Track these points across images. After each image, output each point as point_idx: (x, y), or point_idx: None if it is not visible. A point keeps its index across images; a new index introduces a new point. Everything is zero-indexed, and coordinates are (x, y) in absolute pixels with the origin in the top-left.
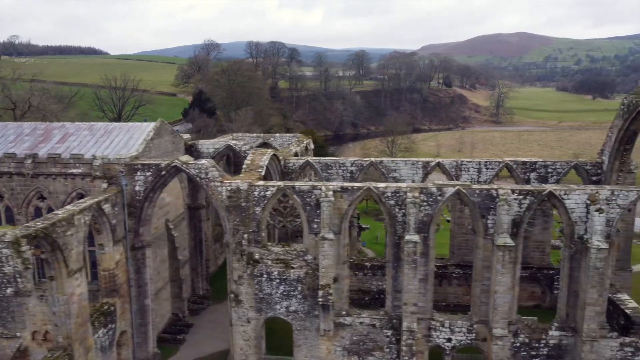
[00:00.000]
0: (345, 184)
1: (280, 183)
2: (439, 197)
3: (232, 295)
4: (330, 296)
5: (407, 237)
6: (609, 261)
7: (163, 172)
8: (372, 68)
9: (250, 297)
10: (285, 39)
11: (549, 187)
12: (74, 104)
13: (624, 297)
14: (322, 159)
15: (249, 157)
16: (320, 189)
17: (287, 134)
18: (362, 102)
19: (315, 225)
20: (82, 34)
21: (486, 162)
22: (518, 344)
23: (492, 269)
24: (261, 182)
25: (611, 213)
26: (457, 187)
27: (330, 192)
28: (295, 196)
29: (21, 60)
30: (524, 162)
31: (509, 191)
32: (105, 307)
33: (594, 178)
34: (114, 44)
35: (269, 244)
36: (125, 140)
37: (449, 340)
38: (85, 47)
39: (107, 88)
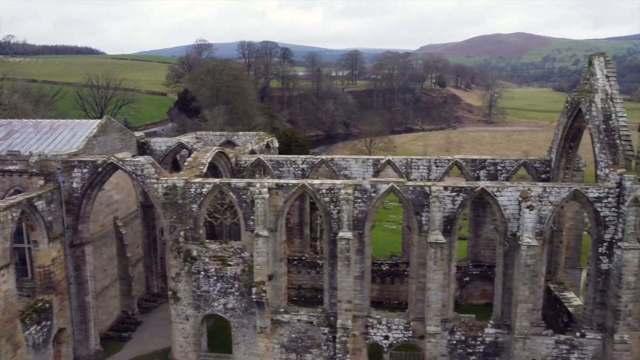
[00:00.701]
0: (281, 181)
1: (216, 180)
2: (373, 194)
3: (171, 293)
4: (264, 293)
5: (341, 234)
6: (543, 258)
7: (100, 169)
8: (366, 68)
9: (188, 295)
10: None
11: (481, 184)
12: (54, 103)
13: (570, 295)
14: (274, 156)
15: (192, 155)
16: (255, 186)
17: (251, 133)
18: (355, 102)
19: (251, 222)
20: (82, 34)
21: (436, 159)
22: (454, 342)
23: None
24: (198, 179)
25: (543, 210)
26: (390, 184)
27: (265, 189)
28: (231, 193)
29: (15, 60)
30: (473, 160)
31: (441, 188)
32: (40, 304)
33: (543, 176)
34: (114, 44)
35: (207, 241)
36: (69, 137)
37: (387, 337)
38: (82, 47)
39: (89, 87)
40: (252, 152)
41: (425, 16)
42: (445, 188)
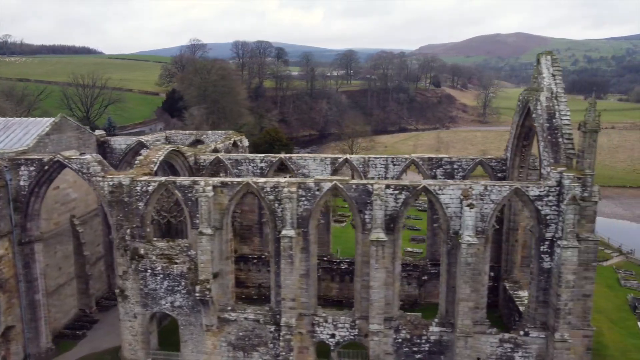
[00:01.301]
0: (226, 179)
1: (162, 178)
2: (317, 192)
3: (118, 291)
4: (208, 291)
5: (284, 232)
6: (486, 257)
7: (46, 167)
8: (362, 68)
9: (135, 292)
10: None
11: (423, 182)
12: (38, 102)
13: (523, 293)
14: (233, 155)
15: (144, 153)
16: (199, 184)
17: (220, 132)
18: (349, 102)
19: (197, 221)
20: (83, 34)
21: (393, 158)
22: (400, 340)
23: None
24: (144, 178)
25: (485, 209)
26: (334, 182)
27: (210, 188)
28: (177, 191)
29: (11, 60)
30: (430, 159)
31: (383, 186)
32: None
33: (499, 174)
34: (114, 44)
35: (155, 239)
36: (21, 135)
37: (333, 336)
38: (80, 47)
39: (75, 86)
40: (216, 150)
41: (425, 16)
42: (388, 186)
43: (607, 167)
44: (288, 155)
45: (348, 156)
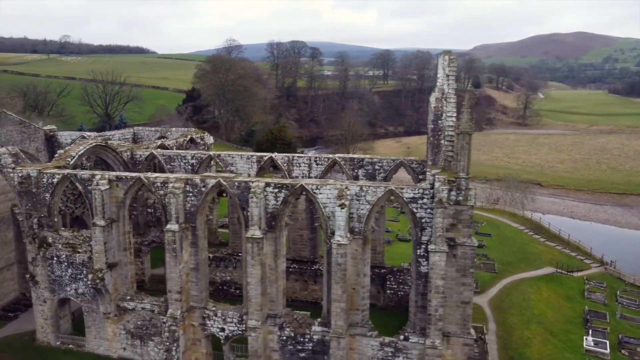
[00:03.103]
0: (122, 173)
1: (65, 171)
2: (202, 189)
3: (29, 276)
4: (100, 281)
5: (167, 227)
6: (365, 258)
7: None
8: (399, 68)
9: (44, 279)
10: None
11: (302, 181)
12: (56, 98)
13: None
14: (167, 151)
15: (67, 147)
16: (95, 178)
17: (183, 129)
18: (382, 102)
19: None
20: (143, 34)
21: (316, 157)
22: (285, 338)
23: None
24: (50, 170)
25: (361, 209)
26: (217, 179)
27: (105, 181)
28: (77, 184)
29: (67, 59)
30: (352, 159)
31: (261, 184)
32: None
33: (420, 176)
34: (170, 44)
35: (62, 229)
36: None
37: (223, 330)
38: (133, 47)
39: (95, 82)
40: (162, 146)
41: (482, 16)
42: (268, 184)
43: None
44: (218, 152)
45: (273, 155)
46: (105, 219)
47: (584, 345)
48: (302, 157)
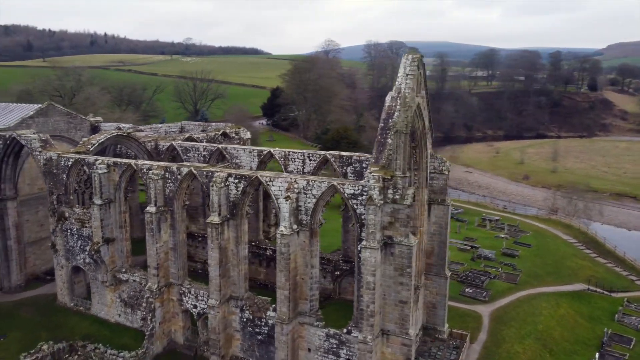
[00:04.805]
0: (118, 160)
1: (77, 156)
2: (178, 176)
3: (51, 245)
4: (96, 253)
5: (147, 209)
6: (313, 250)
7: (8, 142)
8: (504, 68)
9: (62, 247)
10: (459, 39)
11: (257, 173)
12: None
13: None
14: (184, 143)
15: (91, 136)
16: (96, 163)
17: (221, 124)
18: (481, 104)
19: None
20: (265, 35)
21: (309, 154)
22: (245, 319)
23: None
24: (67, 154)
25: (308, 203)
26: (190, 168)
27: (103, 165)
28: (85, 168)
29: (186, 59)
30: (341, 156)
31: (222, 174)
32: None
33: None
34: (291, 45)
35: (77, 206)
36: (9, 116)
37: (195, 306)
38: (249, 48)
39: (187, 78)
40: (190, 139)
41: (619, 13)
42: (230, 175)
43: None
44: (225, 145)
45: (272, 150)
46: (102, 199)
47: None
48: (297, 152)
